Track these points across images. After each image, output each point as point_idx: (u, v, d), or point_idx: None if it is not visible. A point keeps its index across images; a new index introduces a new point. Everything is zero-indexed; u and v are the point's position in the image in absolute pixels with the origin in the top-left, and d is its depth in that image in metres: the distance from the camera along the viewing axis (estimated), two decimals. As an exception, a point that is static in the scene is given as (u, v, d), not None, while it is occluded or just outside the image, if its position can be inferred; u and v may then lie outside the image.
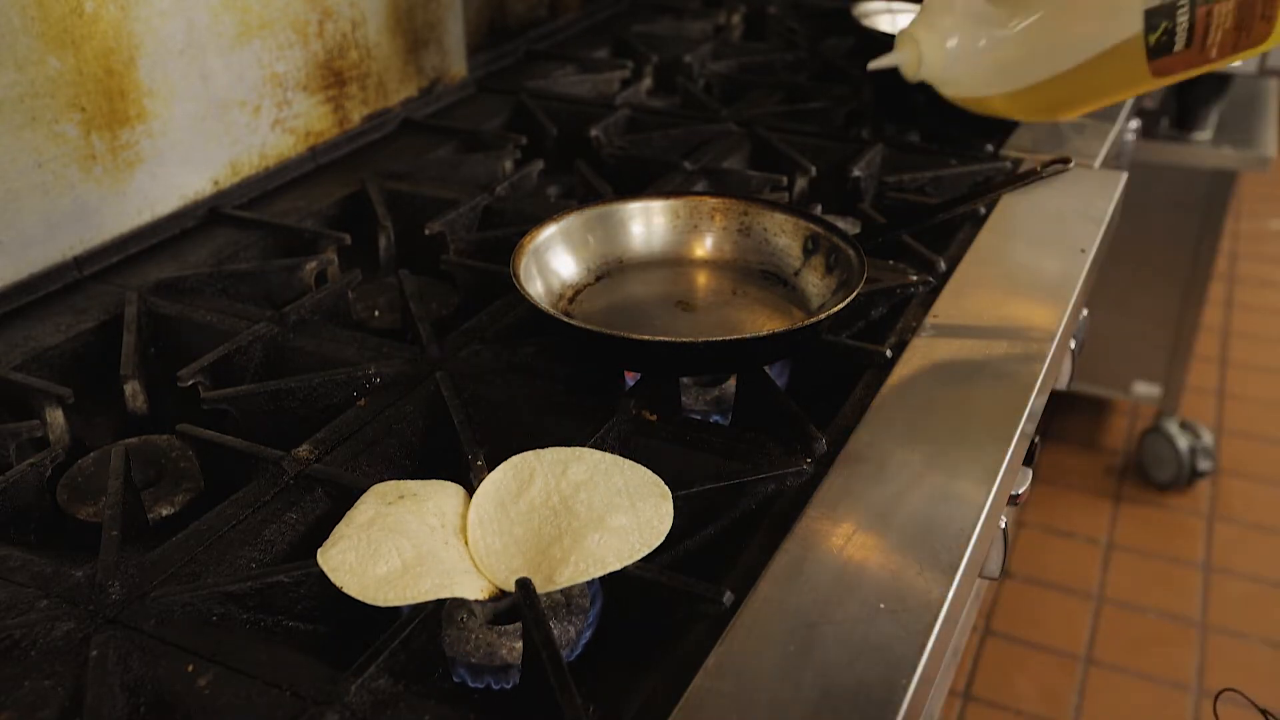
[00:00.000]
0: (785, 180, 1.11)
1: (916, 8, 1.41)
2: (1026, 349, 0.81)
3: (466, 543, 0.64)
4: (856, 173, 1.11)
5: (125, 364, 0.84)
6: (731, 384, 0.81)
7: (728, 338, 0.76)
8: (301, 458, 0.71)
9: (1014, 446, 0.72)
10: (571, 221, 0.90)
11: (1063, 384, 1.01)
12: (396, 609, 0.63)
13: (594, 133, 1.21)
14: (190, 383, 0.80)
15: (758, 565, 0.61)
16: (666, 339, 0.76)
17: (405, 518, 0.63)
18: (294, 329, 0.86)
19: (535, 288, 0.83)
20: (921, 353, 0.81)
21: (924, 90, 1.28)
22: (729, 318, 0.85)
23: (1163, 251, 2.14)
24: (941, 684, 1.01)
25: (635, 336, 0.74)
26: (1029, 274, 0.92)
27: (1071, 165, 0.85)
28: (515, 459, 0.68)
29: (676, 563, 0.64)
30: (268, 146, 1.13)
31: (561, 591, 0.63)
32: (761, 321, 0.84)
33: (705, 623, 0.58)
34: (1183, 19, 0.89)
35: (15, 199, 0.90)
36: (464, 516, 0.65)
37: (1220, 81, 1.98)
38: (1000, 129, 1.23)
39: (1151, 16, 0.91)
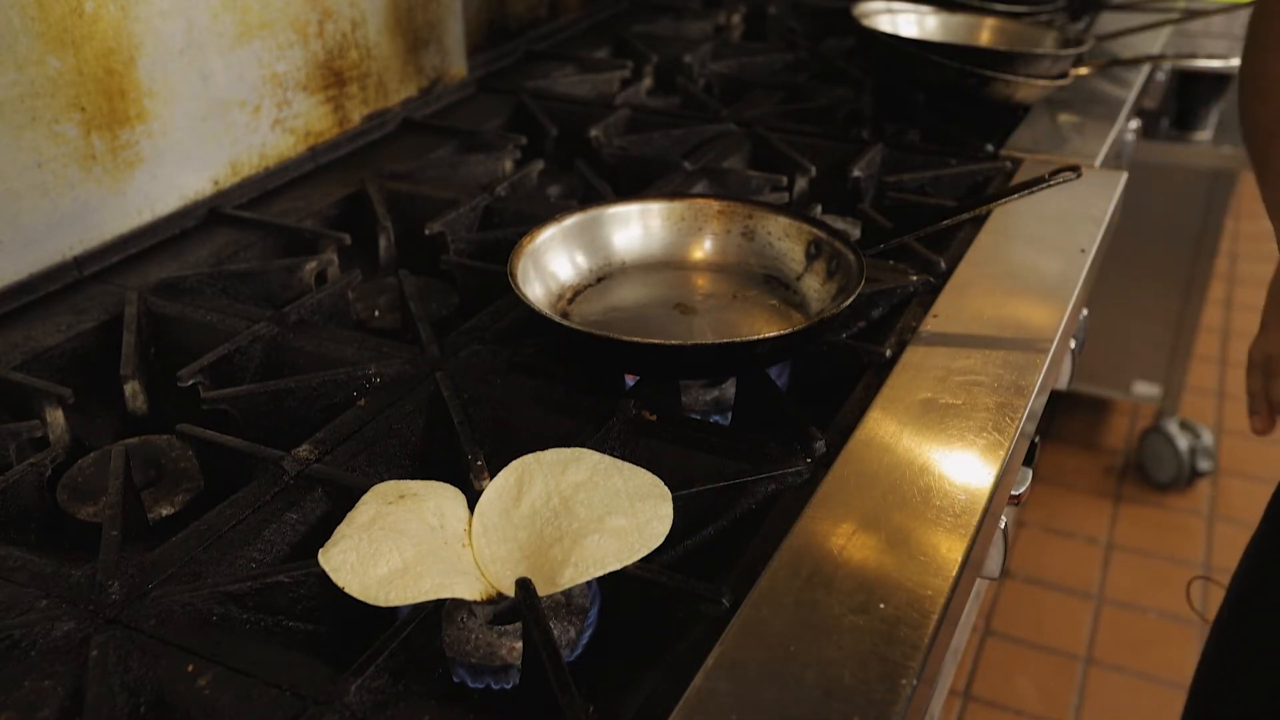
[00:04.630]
0: (785, 180, 1.11)
1: (916, 8, 1.41)
2: (1026, 349, 0.81)
3: (468, 546, 0.64)
4: (856, 173, 1.11)
5: (125, 364, 0.84)
6: (731, 384, 0.81)
7: (718, 341, 0.76)
8: (301, 458, 0.71)
9: (1014, 446, 0.72)
10: (572, 222, 0.90)
11: (1063, 384, 1.01)
12: (396, 609, 0.63)
13: (594, 133, 1.21)
14: (190, 383, 0.80)
15: (758, 565, 0.61)
16: (658, 342, 0.75)
17: (405, 518, 0.63)
18: (294, 329, 0.86)
19: (534, 289, 0.83)
20: (922, 353, 0.81)
21: (924, 90, 1.29)
22: (728, 321, 0.85)
23: (1163, 251, 2.14)
24: (941, 684, 1.01)
25: (628, 339, 0.74)
26: (1029, 274, 0.92)
27: (1079, 174, 0.85)
28: (515, 463, 0.68)
29: (676, 563, 0.64)
30: (268, 146, 1.13)
31: (561, 592, 0.62)
32: (760, 325, 0.84)
33: (705, 623, 0.58)
34: None
35: (15, 199, 0.89)
36: (465, 519, 0.65)
37: (1220, 81, 1.98)
38: (1000, 129, 1.23)
39: None
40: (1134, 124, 1.44)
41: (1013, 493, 0.80)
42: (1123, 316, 2.21)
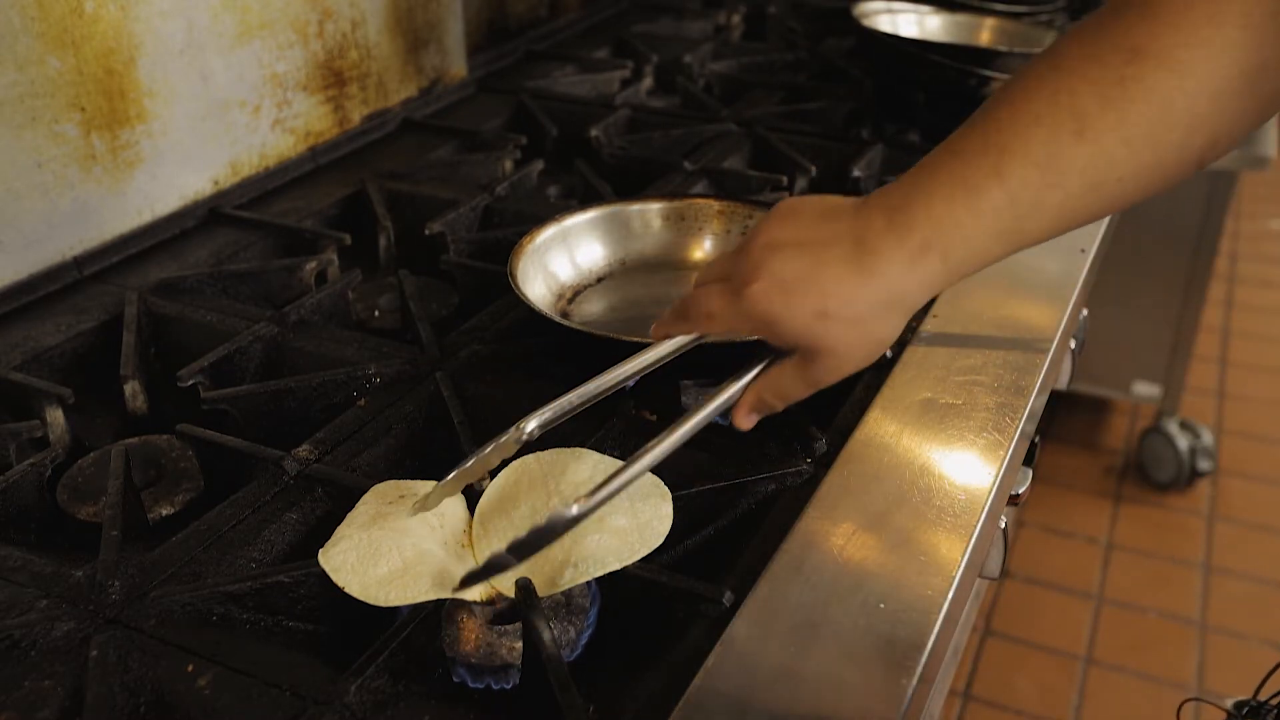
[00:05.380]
0: (785, 180, 1.11)
1: (916, 8, 1.41)
2: (1026, 349, 0.81)
3: (468, 546, 0.64)
4: (856, 173, 1.11)
5: (125, 364, 0.84)
6: (731, 384, 0.81)
7: (718, 341, 0.76)
8: (301, 458, 0.71)
9: (1014, 446, 0.72)
10: (572, 222, 0.90)
11: (1063, 384, 1.01)
12: (396, 609, 0.63)
13: (594, 133, 1.21)
14: (190, 383, 0.80)
15: (758, 565, 0.61)
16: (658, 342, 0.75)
17: (406, 517, 0.63)
18: (294, 329, 0.86)
19: (534, 289, 0.83)
20: (922, 353, 0.81)
21: (924, 90, 1.29)
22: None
23: (1163, 251, 2.14)
24: (941, 684, 1.01)
25: (628, 339, 0.74)
26: (1029, 274, 0.92)
27: None
28: (515, 463, 0.68)
29: (676, 563, 0.64)
30: (268, 146, 1.13)
31: (561, 592, 0.62)
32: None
33: (705, 623, 0.58)
34: None
35: (15, 199, 0.89)
36: (465, 519, 0.65)
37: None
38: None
39: None
40: (1134, 124, 1.44)
41: (1013, 493, 0.80)
42: (1123, 316, 2.21)
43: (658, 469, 0.67)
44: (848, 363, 0.63)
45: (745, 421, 0.67)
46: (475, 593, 0.60)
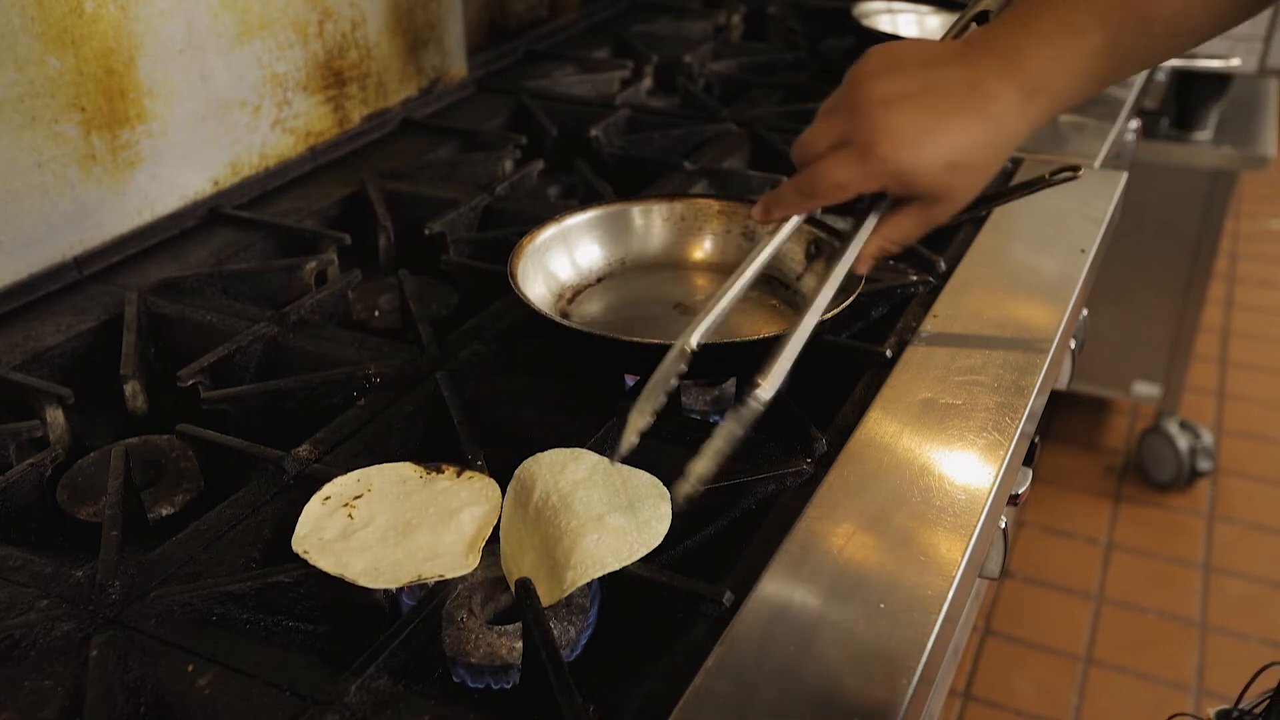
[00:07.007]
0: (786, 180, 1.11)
1: (916, 8, 1.41)
2: (1026, 349, 0.81)
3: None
4: (856, 173, 1.11)
5: (125, 364, 0.84)
6: (731, 384, 0.81)
7: (719, 341, 0.76)
8: (301, 458, 0.71)
9: (1014, 446, 0.72)
10: (571, 223, 0.90)
11: (1063, 384, 1.01)
12: (398, 609, 0.63)
13: (594, 133, 1.21)
14: (190, 383, 0.80)
15: (758, 565, 0.61)
16: (658, 342, 0.75)
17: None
18: (294, 329, 0.86)
19: (534, 289, 0.83)
20: (922, 353, 0.81)
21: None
22: (728, 321, 0.85)
23: (1163, 251, 2.14)
24: (941, 684, 1.01)
25: (628, 339, 0.74)
26: (1029, 274, 0.92)
27: (1080, 174, 0.85)
28: (517, 470, 0.68)
29: (676, 563, 0.64)
30: (268, 146, 1.13)
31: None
32: (760, 326, 0.84)
33: (705, 623, 0.58)
34: None
35: (15, 199, 0.89)
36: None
37: (1220, 81, 1.98)
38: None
39: None
40: (1134, 124, 1.44)
41: (1013, 493, 0.80)
42: (1123, 316, 2.20)
43: (658, 469, 0.67)
44: (963, 202, 0.67)
45: (866, 268, 0.71)
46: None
